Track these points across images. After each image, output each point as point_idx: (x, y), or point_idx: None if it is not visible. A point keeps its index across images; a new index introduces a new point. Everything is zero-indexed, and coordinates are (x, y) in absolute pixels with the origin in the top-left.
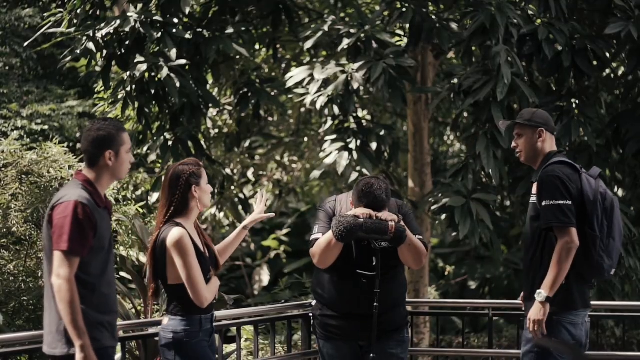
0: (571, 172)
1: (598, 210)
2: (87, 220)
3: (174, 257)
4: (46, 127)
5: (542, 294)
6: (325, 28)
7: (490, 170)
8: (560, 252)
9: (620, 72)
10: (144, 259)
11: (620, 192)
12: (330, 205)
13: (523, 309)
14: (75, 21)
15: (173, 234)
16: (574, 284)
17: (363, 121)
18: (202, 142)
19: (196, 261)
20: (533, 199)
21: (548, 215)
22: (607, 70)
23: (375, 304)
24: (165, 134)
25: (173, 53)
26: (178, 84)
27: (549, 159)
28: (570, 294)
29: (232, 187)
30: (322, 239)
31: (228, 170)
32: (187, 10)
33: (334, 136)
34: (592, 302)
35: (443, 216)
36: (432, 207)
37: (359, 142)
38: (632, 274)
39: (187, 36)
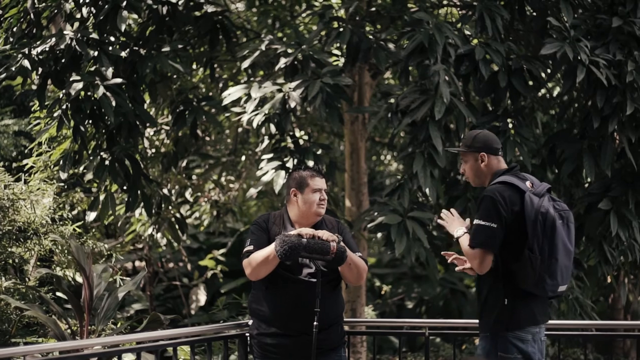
0: (511, 194)
1: (538, 231)
2: None
3: None
4: None
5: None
6: (263, 47)
7: (427, 189)
8: (470, 262)
9: (555, 93)
10: (79, 278)
11: None
12: (264, 218)
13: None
14: (11, 39)
15: None
16: (519, 303)
17: (300, 140)
18: (139, 162)
19: None
20: None
21: (473, 234)
22: (543, 91)
23: (315, 322)
24: (102, 153)
25: (109, 72)
26: (114, 103)
27: (495, 177)
28: (516, 313)
29: (170, 207)
30: (261, 252)
31: (165, 191)
32: (123, 27)
33: (270, 155)
34: None
35: (379, 235)
36: (368, 225)
37: (295, 161)
38: (568, 293)
39: (124, 54)
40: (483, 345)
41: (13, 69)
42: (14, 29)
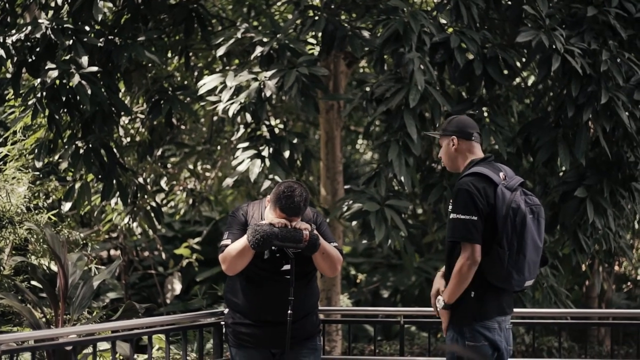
0: (484, 186)
1: (508, 227)
2: None
3: None
4: None
5: (440, 300)
6: (238, 36)
7: (402, 178)
8: (460, 267)
9: (530, 81)
10: (55, 267)
11: None
12: (243, 211)
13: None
14: None
15: None
16: (487, 295)
17: (276, 129)
18: (114, 151)
19: None
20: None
21: (452, 229)
22: (518, 79)
23: (289, 311)
24: (77, 142)
25: (84, 60)
26: (89, 91)
27: (469, 167)
28: (482, 305)
29: (145, 196)
30: (234, 245)
31: (141, 179)
32: (99, 17)
33: (246, 144)
34: None
35: (354, 223)
36: (346, 213)
37: (271, 149)
38: (542, 281)
39: (99, 44)
40: (451, 336)
41: None
42: None
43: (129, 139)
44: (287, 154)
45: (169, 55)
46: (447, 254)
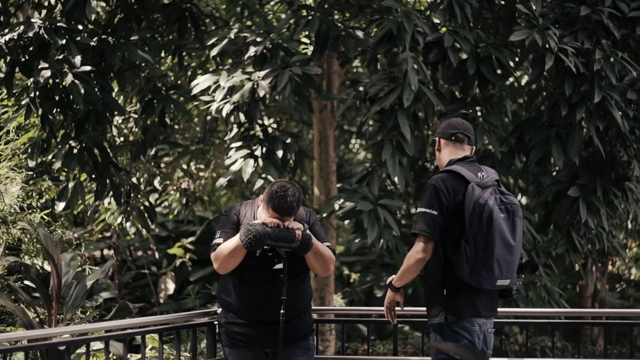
0: (454, 183)
1: (474, 223)
2: None
3: None
4: None
5: (389, 279)
6: (232, 35)
7: (396, 177)
8: (408, 258)
9: (524, 81)
10: (48, 267)
11: (524, 200)
12: (235, 211)
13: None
14: None
15: None
16: (459, 293)
17: (269, 129)
18: (108, 150)
19: None
20: None
21: (415, 221)
22: (511, 79)
23: (282, 311)
24: (70, 141)
25: (78, 60)
26: (83, 91)
27: (447, 166)
28: (456, 303)
29: (139, 196)
30: (226, 243)
31: (134, 179)
32: (93, 17)
33: (239, 143)
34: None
35: (347, 222)
36: (339, 212)
37: (264, 149)
38: (536, 281)
39: (92, 43)
40: (434, 336)
41: None
42: None
43: (122, 139)
44: (280, 153)
45: (162, 54)
46: None
